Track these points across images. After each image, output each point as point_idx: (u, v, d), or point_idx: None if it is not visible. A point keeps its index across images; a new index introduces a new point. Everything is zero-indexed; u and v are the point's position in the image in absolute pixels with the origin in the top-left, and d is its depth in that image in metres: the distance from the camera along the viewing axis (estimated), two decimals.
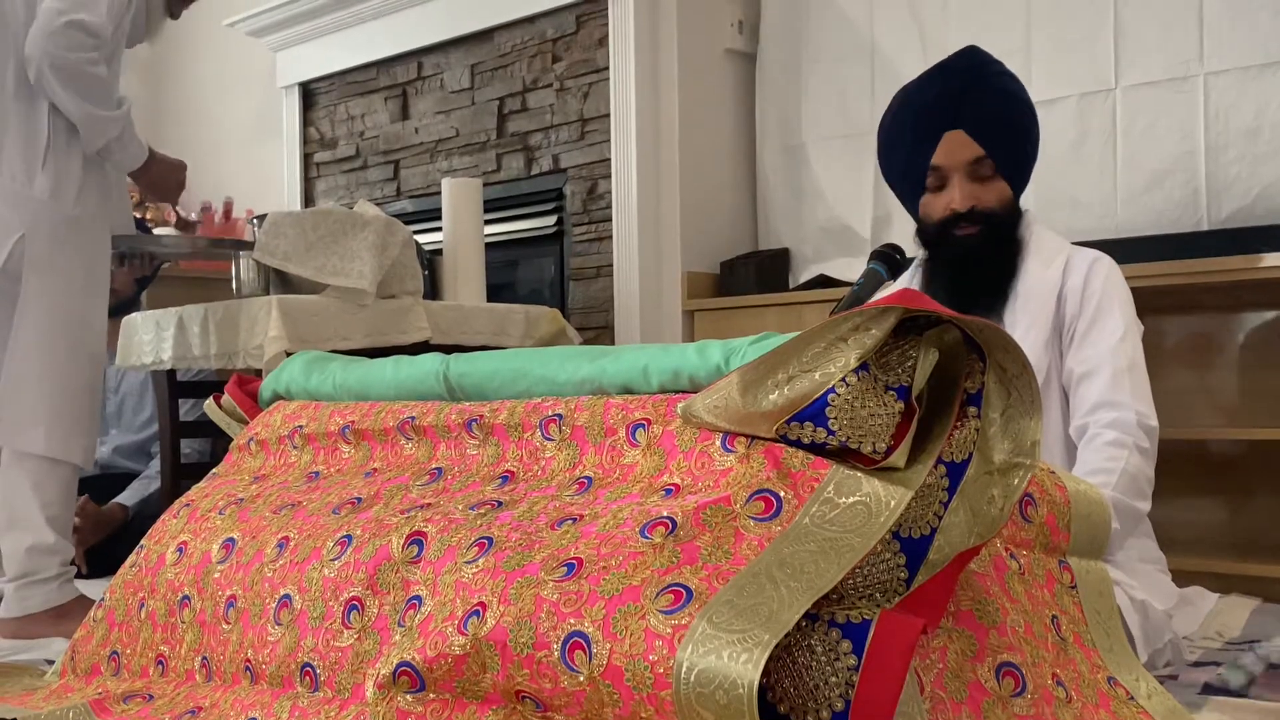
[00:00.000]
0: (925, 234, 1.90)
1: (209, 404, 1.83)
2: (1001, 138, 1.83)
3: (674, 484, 1.14)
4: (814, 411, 1.04)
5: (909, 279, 1.97)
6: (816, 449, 1.08)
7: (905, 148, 1.89)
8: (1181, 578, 2.30)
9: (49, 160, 2.20)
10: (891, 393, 1.04)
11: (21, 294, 2.18)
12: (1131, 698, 1.25)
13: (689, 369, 1.27)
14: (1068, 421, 1.79)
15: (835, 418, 1.04)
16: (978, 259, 1.84)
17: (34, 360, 2.19)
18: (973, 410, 1.07)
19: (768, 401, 1.07)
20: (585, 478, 1.23)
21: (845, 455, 1.07)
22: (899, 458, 1.04)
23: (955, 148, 1.83)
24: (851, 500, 1.03)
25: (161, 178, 2.44)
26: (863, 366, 1.03)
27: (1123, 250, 2.56)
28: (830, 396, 1.03)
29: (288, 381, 1.73)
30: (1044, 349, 1.78)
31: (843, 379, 1.03)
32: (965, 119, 1.82)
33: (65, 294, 2.21)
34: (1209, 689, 1.55)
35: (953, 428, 1.07)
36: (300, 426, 1.59)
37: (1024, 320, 1.80)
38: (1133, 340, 1.77)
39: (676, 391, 1.27)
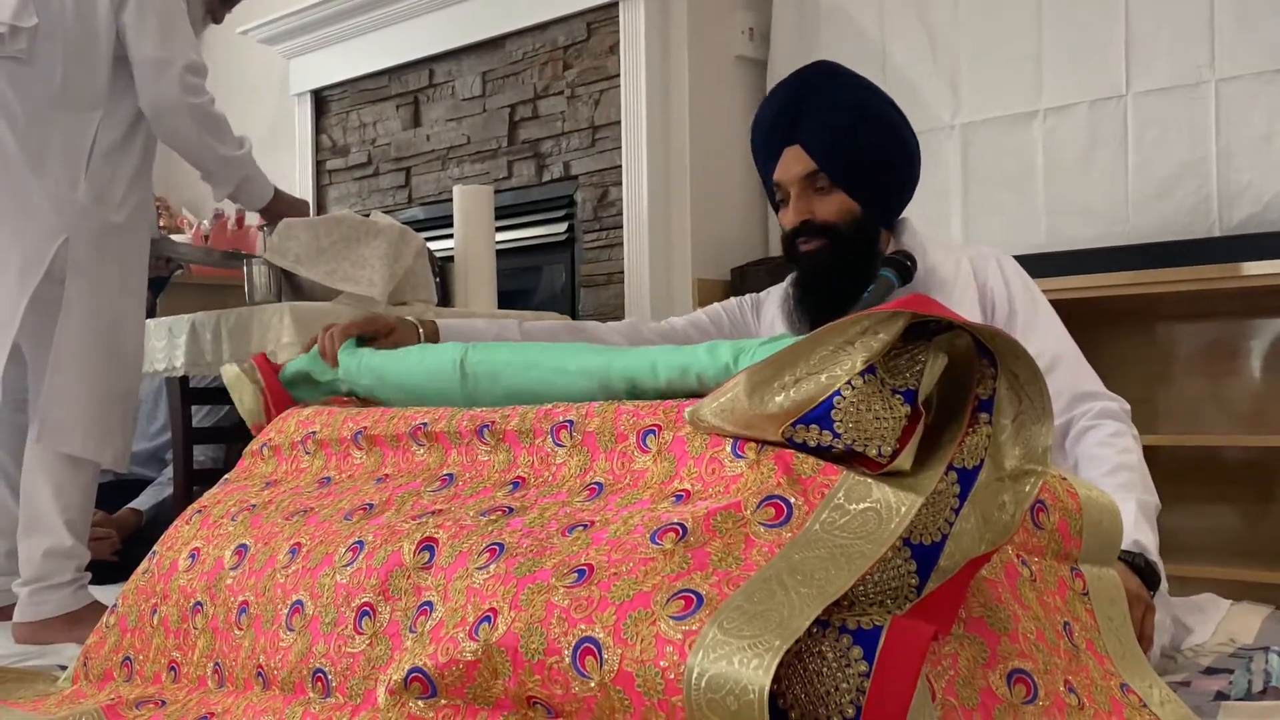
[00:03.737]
0: (784, 250, 1.91)
1: (227, 367, 1.80)
2: (833, 150, 1.81)
3: (684, 490, 1.14)
4: (820, 414, 1.04)
5: (780, 297, 1.96)
6: (822, 452, 1.08)
7: (760, 166, 1.91)
8: (1194, 585, 2.29)
9: (92, 167, 2.21)
10: (898, 396, 1.04)
11: (65, 298, 2.20)
12: (1144, 704, 1.25)
13: (698, 366, 1.27)
14: None
15: (841, 420, 1.04)
16: (824, 273, 1.82)
17: (75, 363, 2.21)
18: (984, 416, 1.07)
19: (774, 403, 1.07)
20: (596, 484, 1.23)
21: (851, 458, 1.07)
22: (904, 461, 1.04)
23: (790, 163, 1.83)
24: (862, 506, 1.02)
25: (289, 215, 2.46)
26: (869, 370, 1.03)
27: (1134, 257, 2.56)
28: (836, 399, 1.03)
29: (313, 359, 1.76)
30: None
31: (849, 382, 1.03)
32: (799, 134, 1.82)
33: (105, 299, 2.24)
34: (1221, 696, 1.54)
35: (964, 434, 1.07)
36: (313, 432, 1.60)
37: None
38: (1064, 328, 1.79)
39: (684, 388, 1.28)
